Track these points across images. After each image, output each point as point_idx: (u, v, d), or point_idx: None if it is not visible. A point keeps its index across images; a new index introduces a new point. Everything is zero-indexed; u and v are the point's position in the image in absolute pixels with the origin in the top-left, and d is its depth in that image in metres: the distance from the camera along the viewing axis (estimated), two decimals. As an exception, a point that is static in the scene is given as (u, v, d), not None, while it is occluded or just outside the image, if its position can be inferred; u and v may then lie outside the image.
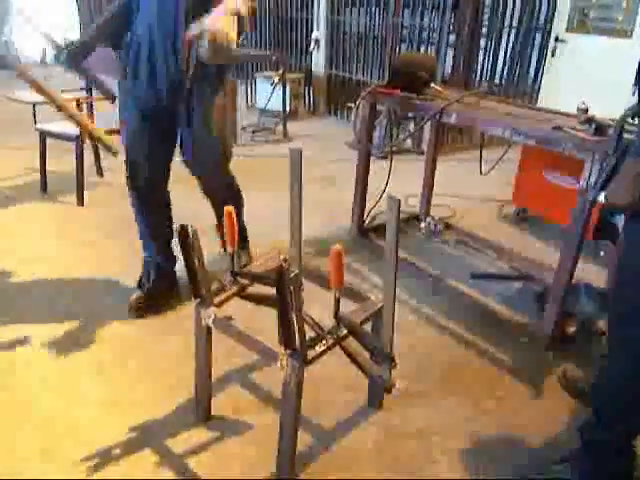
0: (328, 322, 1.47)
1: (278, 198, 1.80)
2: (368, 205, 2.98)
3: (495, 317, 2.33)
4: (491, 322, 2.30)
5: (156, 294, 2.29)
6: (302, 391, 1.39)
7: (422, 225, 3.11)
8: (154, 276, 2.29)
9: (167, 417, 1.74)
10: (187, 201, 2.44)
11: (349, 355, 1.46)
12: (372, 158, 2.92)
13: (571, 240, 2.00)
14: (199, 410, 1.73)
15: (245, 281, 1.66)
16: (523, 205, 3.35)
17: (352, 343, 1.49)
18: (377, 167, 3.00)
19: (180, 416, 1.74)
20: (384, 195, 2.88)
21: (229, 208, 1.55)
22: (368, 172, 2.90)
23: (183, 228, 1.45)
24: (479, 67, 4.90)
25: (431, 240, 3.04)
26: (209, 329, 1.59)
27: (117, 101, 2.15)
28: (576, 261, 2.03)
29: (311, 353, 1.39)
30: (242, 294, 1.67)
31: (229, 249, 1.59)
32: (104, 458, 1.58)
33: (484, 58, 4.89)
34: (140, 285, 2.32)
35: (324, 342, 1.43)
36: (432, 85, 2.63)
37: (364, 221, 3.04)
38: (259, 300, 1.66)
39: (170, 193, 2.31)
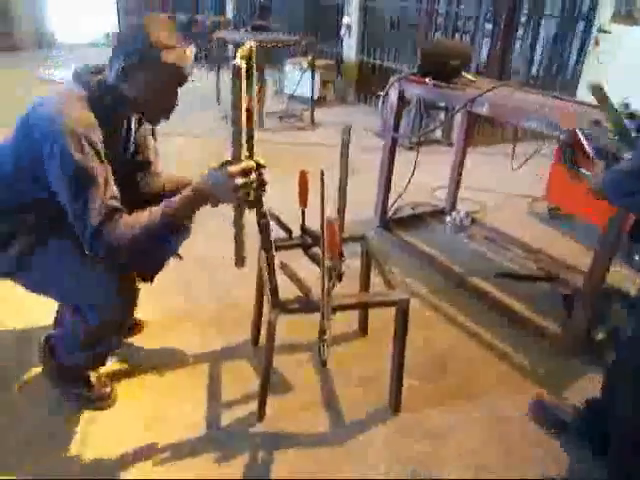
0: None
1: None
2: (393, 196, 2.90)
3: (518, 319, 2.23)
4: (514, 324, 2.21)
5: None
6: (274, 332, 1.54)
7: (448, 219, 3.01)
8: None
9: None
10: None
11: (310, 257, 1.67)
12: (399, 149, 2.83)
13: (606, 242, 1.89)
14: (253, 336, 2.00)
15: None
16: (556, 202, 3.21)
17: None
18: (404, 158, 2.90)
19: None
20: (408, 187, 2.80)
21: (304, 170, 1.60)
22: (393, 163, 2.81)
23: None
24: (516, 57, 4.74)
25: (456, 235, 2.94)
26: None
27: None
28: (609, 265, 1.92)
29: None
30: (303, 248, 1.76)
31: (301, 207, 1.68)
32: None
33: (522, 48, 4.71)
34: None
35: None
36: (463, 74, 2.52)
37: (387, 212, 2.96)
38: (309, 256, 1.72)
39: None
